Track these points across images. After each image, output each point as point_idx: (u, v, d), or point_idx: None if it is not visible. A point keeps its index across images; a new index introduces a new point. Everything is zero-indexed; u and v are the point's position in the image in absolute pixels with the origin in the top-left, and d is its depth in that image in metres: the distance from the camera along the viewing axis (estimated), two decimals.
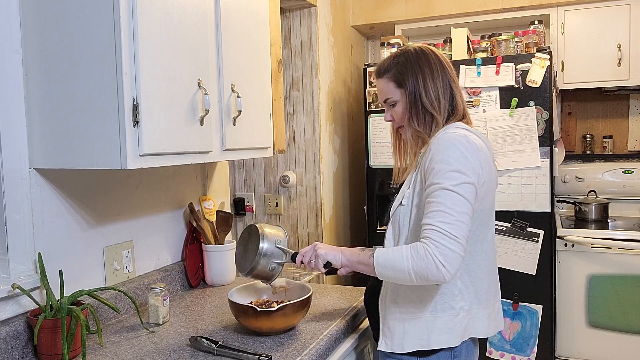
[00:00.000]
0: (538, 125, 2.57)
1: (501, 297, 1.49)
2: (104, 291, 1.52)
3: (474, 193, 1.24)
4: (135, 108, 1.22)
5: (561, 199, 3.24)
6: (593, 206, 2.99)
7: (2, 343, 1.27)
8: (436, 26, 3.26)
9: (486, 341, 2.73)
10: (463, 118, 1.40)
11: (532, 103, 2.57)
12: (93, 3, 1.22)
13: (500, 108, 2.62)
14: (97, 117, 1.23)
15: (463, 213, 1.20)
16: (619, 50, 2.88)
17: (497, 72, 2.61)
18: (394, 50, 1.51)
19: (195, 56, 1.42)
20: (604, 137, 3.33)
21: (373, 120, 2.90)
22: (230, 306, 1.45)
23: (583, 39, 2.96)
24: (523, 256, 2.61)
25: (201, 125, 1.44)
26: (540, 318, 2.62)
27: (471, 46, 2.79)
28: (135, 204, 1.73)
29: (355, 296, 1.76)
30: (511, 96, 2.60)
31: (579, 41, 2.97)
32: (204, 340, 1.34)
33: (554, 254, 2.70)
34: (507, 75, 2.60)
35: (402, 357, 1.35)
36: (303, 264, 1.40)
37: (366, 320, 1.63)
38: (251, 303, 1.46)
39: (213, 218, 2.00)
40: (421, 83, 1.35)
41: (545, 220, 2.58)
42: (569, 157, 3.37)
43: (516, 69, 2.58)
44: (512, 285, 2.62)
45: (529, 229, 2.60)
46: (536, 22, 2.80)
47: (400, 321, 1.34)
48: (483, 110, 2.64)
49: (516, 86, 2.59)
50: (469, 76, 2.66)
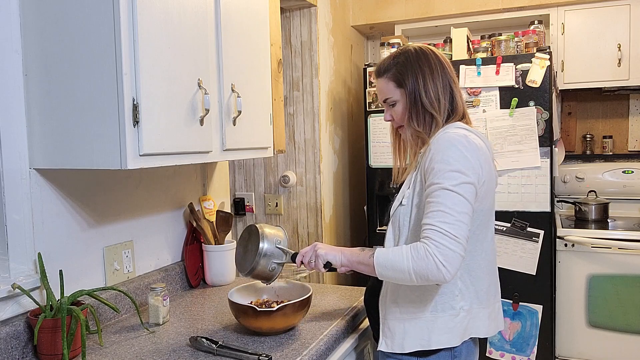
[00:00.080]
0: (538, 125, 2.56)
1: (501, 297, 1.49)
2: (104, 291, 1.52)
3: (474, 193, 1.24)
4: (135, 108, 1.22)
5: (561, 199, 3.24)
6: (593, 206, 2.98)
7: (2, 343, 1.27)
8: (436, 26, 3.26)
9: (486, 341, 2.73)
10: (463, 118, 1.40)
11: (532, 103, 2.57)
12: (93, 3, 1.22)
13: (500, 108, 2.62)
14: (97, 117, 1.23)
15: (463, 213, 1.20)
16: (619, 50, 2.88)
17: (497, 72, 2.61)
18: (394, 50, 1.50)
19: (195, 56, 1.42)
20: (604, 137, 3.33)
21: (373, 120, 2.90)
22: (230, 306, 1.45)
23: (583, 39, 2.96)
24: (523, 256, 2.61)
25: (201, 125, 1.44)
26: (540, 318, 2.62)
27: (471, 46, 2.78)
28: (135, 204, 1.73)
29: (355, 296, 1.76)
30: (511, 96, 2.60)
31: (579, 41, 2.97)
32: (204, 340, 1.34)
33: (554, 254, 2.69)
34: (507, 75, 2.60)
35: (403, 357, 1.35)
36: (303, 264, 1.40)
37: (366, 320, 1.63)
38: (251, 303, 1.46)
39: (213, 218, 2.00)
40: (421, 83, 1.35)
41: (545, 220, 2.58)
42: (569, 157, 3.37)
43: (516, 69, 2.58)
44: (512, 285, 2.62)
45: (529, 229, 2.60)
46: (536, 22, 2.79)
47: (400, 321, 1.34)
48: (483, 110, 2.64)
49: (516, 86, 2.58)
50: (469, 76, 2.66)
